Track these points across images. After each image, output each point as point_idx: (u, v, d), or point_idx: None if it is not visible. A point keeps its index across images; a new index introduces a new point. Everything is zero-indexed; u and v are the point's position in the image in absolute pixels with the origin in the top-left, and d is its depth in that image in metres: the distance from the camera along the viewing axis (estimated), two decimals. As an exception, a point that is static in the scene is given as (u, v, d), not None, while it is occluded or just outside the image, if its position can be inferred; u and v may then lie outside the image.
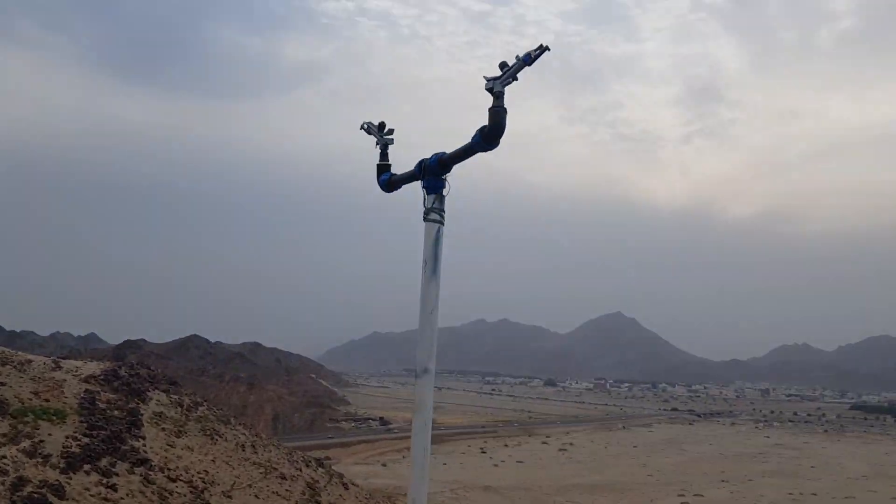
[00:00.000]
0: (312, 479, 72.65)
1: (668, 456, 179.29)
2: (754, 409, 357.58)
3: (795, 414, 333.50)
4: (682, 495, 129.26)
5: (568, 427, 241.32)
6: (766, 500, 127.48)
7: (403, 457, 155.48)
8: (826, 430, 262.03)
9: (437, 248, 4.19)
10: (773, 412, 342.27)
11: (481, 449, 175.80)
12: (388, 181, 3.91)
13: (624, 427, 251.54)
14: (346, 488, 74.19)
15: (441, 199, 4.24)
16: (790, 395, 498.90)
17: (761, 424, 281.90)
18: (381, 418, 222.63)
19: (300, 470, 73.33)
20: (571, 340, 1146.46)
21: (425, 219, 4.19)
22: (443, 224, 4.19)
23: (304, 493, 66.31)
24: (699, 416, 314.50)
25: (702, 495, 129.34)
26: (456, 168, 4.81)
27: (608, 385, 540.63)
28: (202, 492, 56.34)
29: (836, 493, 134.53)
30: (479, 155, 4.72)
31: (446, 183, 4.17)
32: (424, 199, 4.21)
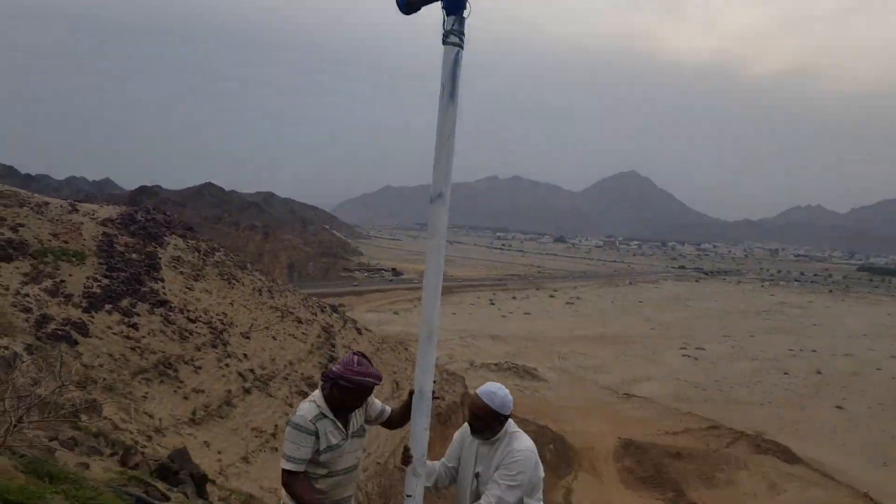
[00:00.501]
0: (327, 323, 75.00)
1: (673, 311, 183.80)
2: (762, 269, 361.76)
3: (802, 274, 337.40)
4: (684, 348, 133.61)
5: (575, 282, 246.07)
6: (767, 354, 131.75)
7: (415, 306, 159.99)
8: (831, 291, 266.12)
9: (455, 71, 3.92)
10: (780, 272, 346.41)
11: (490, 300, 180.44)
12: (407, 1, 3.58)
13: (631, 283, 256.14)
14: (360, 333, 76.46)
15: (461, 20, 3.92)
16: (798, 256, 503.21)
17: (767, 283, 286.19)
18: (394, 269, 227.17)
19: (315, 315, 75.62)
20: (584, 198, 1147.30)
21: (444, 42, 3.89)
22: (462, 48, 3.90)
23: (319, 336, 68.55)
24: (706, 274, 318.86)
25: (703, 349, 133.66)
26: (475, 20, 4.46)
27: (618, 243, 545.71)
28: (221, 333, 58.22)
29: (834, 350, 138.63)
30: (500, 5, 4.32)
31: (467, 3, 3.83)
32: (444, 21, 3.88)
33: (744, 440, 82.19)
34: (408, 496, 4.12)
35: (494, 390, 4.35)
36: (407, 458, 4.19)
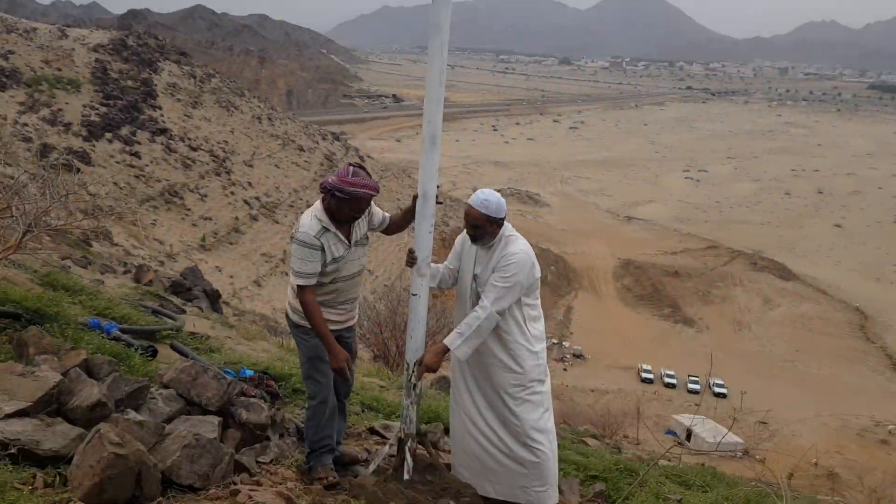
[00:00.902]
0: (329, 151, 74.55)
1: (678, 133, 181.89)
2: (770, 88, 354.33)
3: (811, 93, 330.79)
4: (687, 170, 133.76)
5: (580, 106, 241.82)
6: (769, 175, 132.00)
7: (417, 133, 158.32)
8: (839, 110, 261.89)
9: None
10: (788, 91, 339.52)
11: (493, 127, 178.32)
12: None
13: (636, 106, 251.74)
14: (363, 160, 75.95)
15: None
16: (808, 74, 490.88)
17: (775, 103, 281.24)
18: (394, 96, 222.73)
19: (317, 143, 74.97)
20: (591, 16, 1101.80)
21: None
22: None
23: (322, 164, 68.41)
24: (713, 94, 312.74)
25: (706, 170, 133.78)
26: None
27: (624, 64, 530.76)
28: (224, 161, 58.05)
29: (837, 170, 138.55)
30: None
31: None
32: None
33: (741, 259, 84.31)
34: (413, 295, 4.30)
35: (487, 197, 4.37)
36: (411, 260, 4.32)
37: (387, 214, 4.69)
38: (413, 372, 4.28)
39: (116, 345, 5.43)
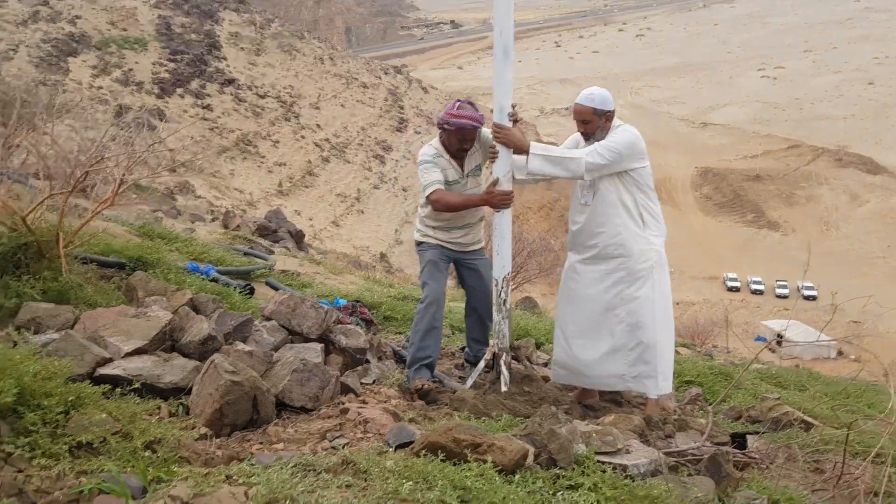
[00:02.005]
0: (392, 85, 74.16)
1: (750, 31, 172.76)
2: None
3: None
4: (762, 69, 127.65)
5: (646, 11, 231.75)
6: (850, 65, 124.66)
7: (479, 58, 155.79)
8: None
9: None
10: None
11: (555, 43, 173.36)
12: None
13: (704, 5, 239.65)
14: (426, 92, 75.48)
15: None
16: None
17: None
18: (452, 21, 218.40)
19: (380, 78, 74.55)
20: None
21: None
22: None
23: (386, 100, 68.18)
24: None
25: (782, 67, 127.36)
26: None
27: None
28: (291, 106, 58.67)
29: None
30: None
31: None
32: None
33: (825, 156, 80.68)
34: (497, 212, 4.44)
35: (591, 91, 4.50)
36: (493, 184, 4.44)
37: None
38: (503, 288, 4.36)
39: (216, 286, 5.68)
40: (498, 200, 4.41)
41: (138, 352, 3.67)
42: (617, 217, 4.36)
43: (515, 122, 4.47)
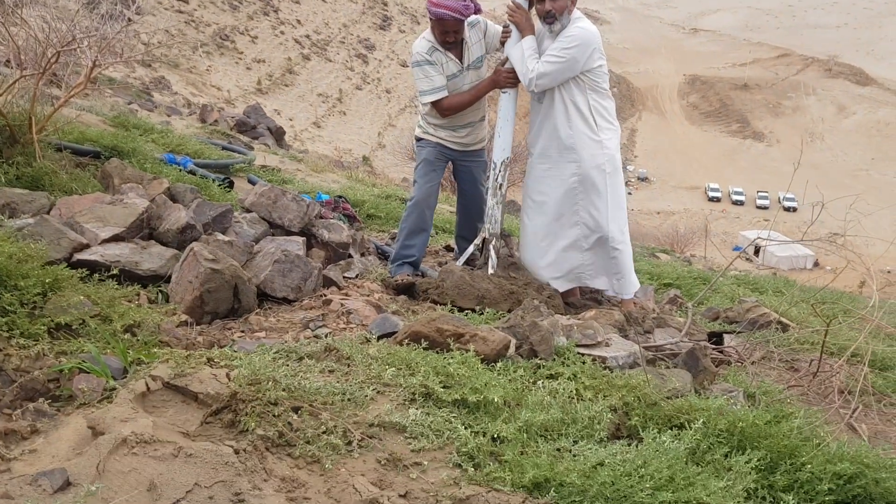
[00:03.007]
0: (376, -20, 69.36)
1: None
2: None
3: None
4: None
5: None
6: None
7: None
8: None
9: None
10: None
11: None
12: None
13: None
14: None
15: None
16: None
17: None
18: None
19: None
20: None
21: None
22: None
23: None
24: None
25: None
26: None
27: None
28: (271, -1, 55.18)
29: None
30: None
31: None
32: None
33: (815, 65, 79.79)
34: (503, 93, 4.40)
35: None
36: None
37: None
38: (500, 172, 4.31)
39: (193, 177, 5.57)
40: (504, 78, 4.30)
41: (115, 238, 3.60)
42: (568, 120, 4.21)
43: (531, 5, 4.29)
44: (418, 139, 4.66)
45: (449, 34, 4.26)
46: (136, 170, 4.73)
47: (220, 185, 5.57)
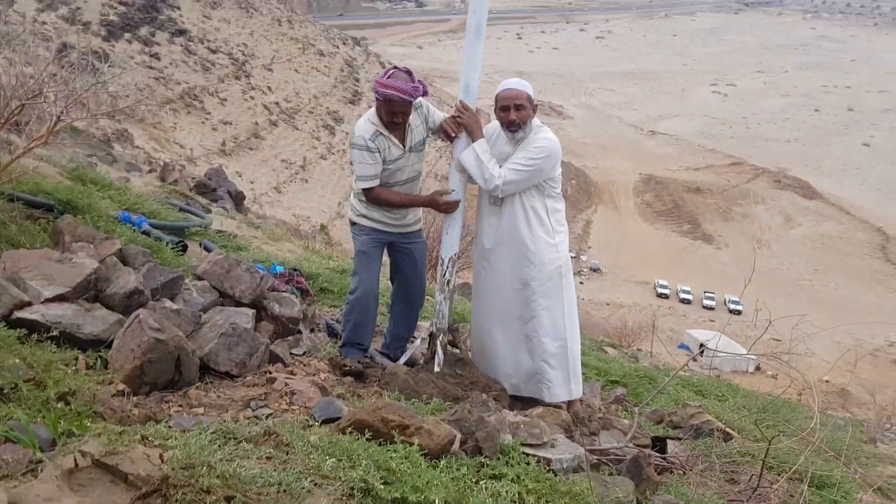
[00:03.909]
0: (350, 56, 73.18)
1: (708, 46, 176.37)
2: None
3: (848, 5, 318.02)
4: (715, 84, 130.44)
5: (608, 14, 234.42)
6: (799, 90, 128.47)
7: (439, 40, 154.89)
8: (876, 24, 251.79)
9: None
10: (824, 2, 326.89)
11: (517, 35, 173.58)
12: None
13: (666, 15, 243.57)
14: (383, 67, 74.68)
15: None
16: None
17: (810, 15, 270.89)
18: (417, 0, 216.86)
19: (337, 48, 73.52)
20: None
21: None
22: None
23: (342, 70, 67.35)
24: (746, 4, 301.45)
25: (734, 85, 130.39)
26: None
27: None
28: (243, 64, 57.46)
29: (870, 87, 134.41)
30: None
31: None
32: None
33: (765, 176, 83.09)
34: (452, 190, 4.29)
35: (520, 79, 4.35)
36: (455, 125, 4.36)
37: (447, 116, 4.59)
38: (448, 268, 4.31)
39: (147, 239, 5.48)
40: (444, 207, 4.30)
41: (59, 298, 3.50)
42: (525, 224, 4.27)
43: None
44: (353, 223, 4.56)
45: (397, 115, 4.22)
46: (89, 227, 4.64)
47: (173, 248, 5.49)
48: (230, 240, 7.37)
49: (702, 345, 37.58)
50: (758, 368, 37.19)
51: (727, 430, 4.65)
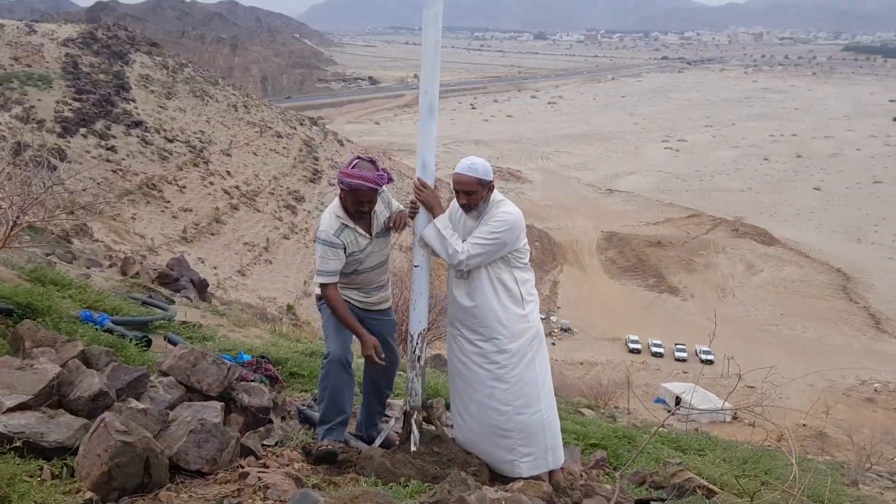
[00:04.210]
0: (308, 136, 73.88)
1: (655, 104, 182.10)
2: (745, 55, 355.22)
3: (786, 57, 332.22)
4: (666, 141, 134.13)
5: (557, 81, 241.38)
6: (748, 141, 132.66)
7: (395, 115, 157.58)
8: (815, 73, 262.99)
9: None
10: (763, 56, 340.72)
11: (471, 105, 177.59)
12: None
13: (613, 78, 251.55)
14: (342, 145, 75.37)
15: None
16: (783, 39, 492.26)
17: (751, 69, 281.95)
18: (371, 77, 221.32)
19: (295, 129, 74.26)
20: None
21: None
22: None
23: (301, 150, 67.87)
24: (689, 63, 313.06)
25: (685, 140, 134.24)
26: None
27: (599, 36, 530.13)
28: (201, 151, 57.62)
29: (815, 133, 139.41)
30: None
31: None
32: None
33: (723, 226, 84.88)
34: (415, 266, 4.29)
35: (472, 161, 4.32)
36: (413, 210, 4.36)
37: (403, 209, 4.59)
38: (417, 344, 4.28)
39: (110, 336, 5.39)
40: (371, 361, 4.25)
41: (21, 407, 3.40)
42: (494, 297, 4.26)
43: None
44: (319, 298, 4.49)
45: (363, 204, 4.22)
46: (50, 330, 4.55)
47: (137, 344, 5.40)
48: (195, 330, 7.27)
49: (678, 398, 37.63)
50: (735, 417, 37.19)
51: (709, 486, 4.63)
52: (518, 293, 4.30)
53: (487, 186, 4.30)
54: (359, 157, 4.26)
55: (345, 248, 4.26)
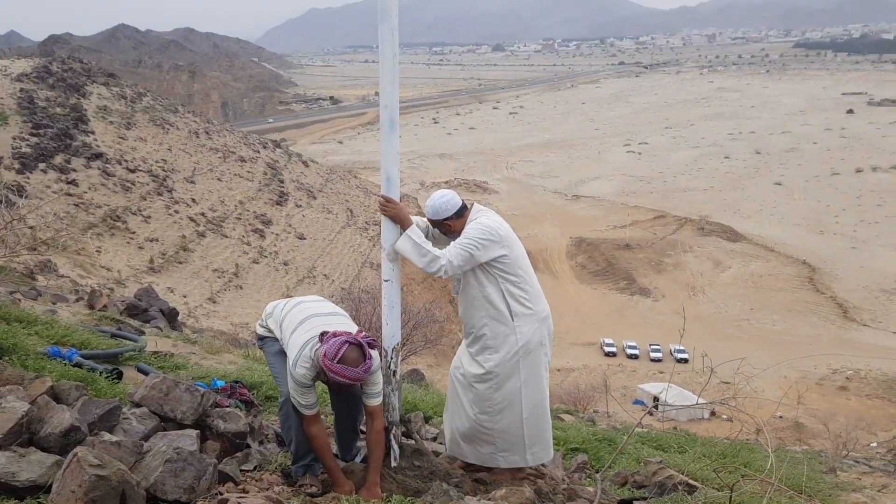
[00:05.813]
0: (272, 159, 73.48)
1: (615, 109, 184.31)
2: (700, 56, 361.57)
3: (739, 57, 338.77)
4: (628, 144, 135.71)
5: (517, 91, 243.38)
6: (707, 141, 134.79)
7: (358, 133, 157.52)
8: (768, 71, 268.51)
9: None
10: (717, 57, 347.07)
11: (433, 119, 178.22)
12: None
13: (572, 86, 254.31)
14: (307, 166, 75.17)
15: None
16: (735, 39, 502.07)
17: (706, 70, 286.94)
18: (332, 97, 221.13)
19: (258, 152, 73.85)
20: (519, 1, 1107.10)
21: None
22: None
23: (265, 174, 67.44)
24: (646, 67, 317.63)
25: (646, 143, 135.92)
26: None
27: (556, 45, 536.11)
28: (164, 180, 56.95)
29: (772, 129, 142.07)
30: None
31: None
32: None
33: (689, 225, 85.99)
34: (385, 280, 4.28)
35: (435, 204, 4.42)
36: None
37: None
38: (392, 359, 4.27)
39: (80, 371, 5.29)
40: (338, 490, 3.93)
41: (-10, 448, 3.33)
42: (481, 311, 4.36)
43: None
44: (261, 338, 4.32)
45: (343, 388, 4.01)
46: (17, 368, 4.46)
47: (107, 377, 5.31)
48: (167, 360, 7.17)
49: (655, 398, 37.90)
50: (713, 414, 37.56)
51: (690, 482, 4.66)
52: (505, 309, 4.33)
53: (457, 217, 4.40)
54: (348, 341, 3.77)
55: (315, 381, 4.00)
